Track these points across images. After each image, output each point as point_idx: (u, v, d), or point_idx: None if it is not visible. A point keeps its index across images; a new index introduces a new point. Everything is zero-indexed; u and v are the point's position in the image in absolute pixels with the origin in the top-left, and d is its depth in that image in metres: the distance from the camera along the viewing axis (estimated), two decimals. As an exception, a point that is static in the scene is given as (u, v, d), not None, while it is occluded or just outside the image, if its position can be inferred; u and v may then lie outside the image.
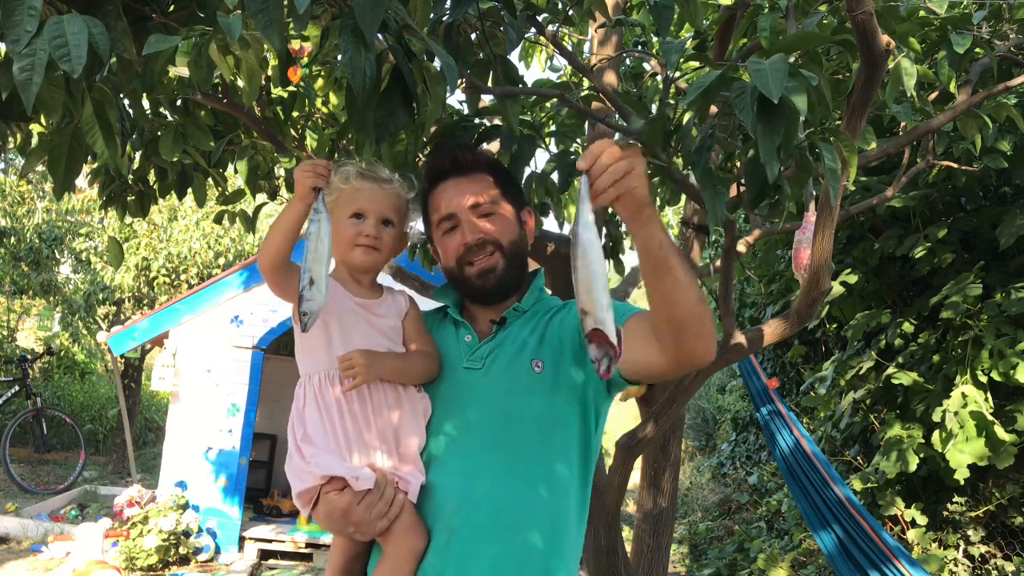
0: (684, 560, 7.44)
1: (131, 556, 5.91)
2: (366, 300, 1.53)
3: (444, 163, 1.62)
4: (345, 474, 1.38)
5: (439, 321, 1.66)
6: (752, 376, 4.89)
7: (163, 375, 6.67)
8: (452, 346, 1.58)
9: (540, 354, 1.51)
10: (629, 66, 3.37)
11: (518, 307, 1.59)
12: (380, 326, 1.52)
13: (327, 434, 1.43)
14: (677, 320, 1.29)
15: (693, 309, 1.28)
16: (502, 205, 1.60)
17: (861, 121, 1.74)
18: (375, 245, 1.52)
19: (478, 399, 1.49)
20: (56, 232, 10.09)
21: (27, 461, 9.52)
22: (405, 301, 1.60)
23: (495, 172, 1.63)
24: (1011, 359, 4.18)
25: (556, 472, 1.46)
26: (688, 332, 1.30)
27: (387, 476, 1.42)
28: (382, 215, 1.53)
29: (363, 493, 1.38)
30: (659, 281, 1.28)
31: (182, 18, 1.53)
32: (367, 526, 1.39)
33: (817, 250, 1.99)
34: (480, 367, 1.52)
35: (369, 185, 1.53)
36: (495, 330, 1.57)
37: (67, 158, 1.66)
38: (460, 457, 1.46)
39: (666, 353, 1.34)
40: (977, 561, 4.82)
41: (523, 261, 1.64)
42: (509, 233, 1.59)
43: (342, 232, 1.51)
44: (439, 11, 1.79)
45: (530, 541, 1.41)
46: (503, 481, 1.43)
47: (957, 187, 4.81)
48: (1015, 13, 2.43)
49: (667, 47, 1.67)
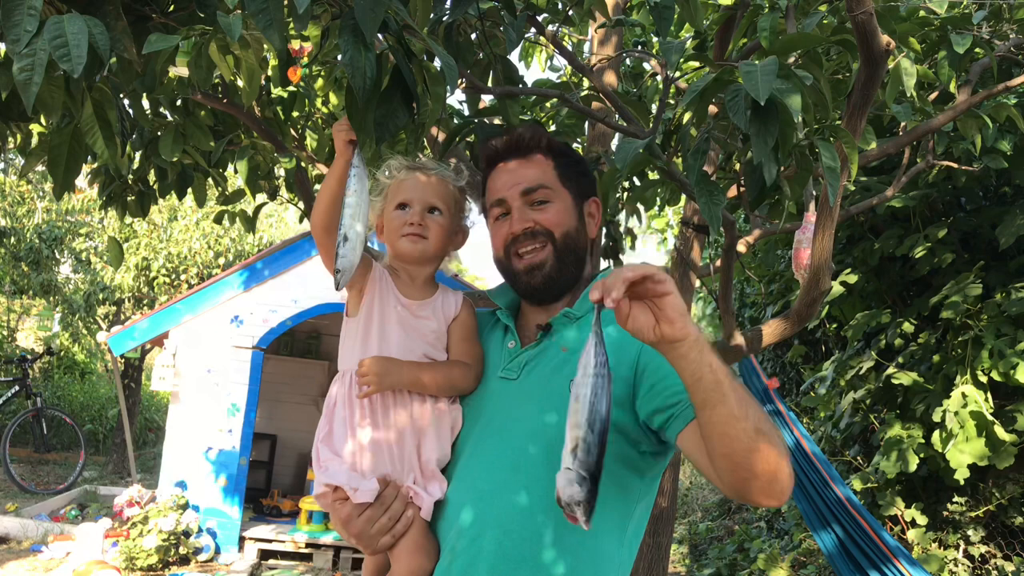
0: (684, 560, 7.43)
1: (131, 556, 5.91)
2: (411, 300, 1.45)
3: (500, 145, 1.50)
4: (344, 484, 1.33)
5: (493, 324, 1.53)
6: (752, 376, 4.88)
7: (163, 375, 6.67)
8: (496, 353, 1.46)
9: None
10: (629, 66, 3.37)
11: (569, 312, 1.42)
12: (421, 329, 1.44)
13: (347, 437, 1.38)
14: (734, 457, 1.09)
15: (751, 444, 1.07)
16: (559, 192, 1.45)
17: (861, 121, 1.74)
18: (420, 233, 1.44)
19: (506, 412, 1.37)
20: (56, 232, 10.09)
21: (27, 461, 9.52)
22: (457, 305, 1.49)
23: (557, 156, 1.48)
24: (1011, 359, 4.18)
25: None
26: (746, 471, 1.09)
27: (400, 490, 1.35)
28: (427, 203, 1.45)
29: (364, 506, 1.32)
30: (711, 412, 1.08)
31: (182, 18, 1.53)
32: (369, 540, 1.32)
33: (817, 250, 1.99)
34: (515, 377, 1.39)
35: (412, 174, 1.48)
36: (539, 337, 1.42)
37: (67, 158, 1.66)
38: (477, 475, 1.34)
39: (725, 486, 1.15)
40: (977, 561, 4.82)
41: (578, 258, 1.46)
42: (564, 225, 1.43)
43: (390, 224, 1.47)
44: (439, 11, 1.79)
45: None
46: (516, 508, 1.29)
47: (957, 187, 4.81)
48: (1015, 13, 2.43)
49: (667, 47, 1.67)
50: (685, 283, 3.66)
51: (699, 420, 1.12)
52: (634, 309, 1.05)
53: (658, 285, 1.03)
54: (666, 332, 1.04)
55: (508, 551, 1.27)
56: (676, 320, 1.03)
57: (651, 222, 8.80)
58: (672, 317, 1.03)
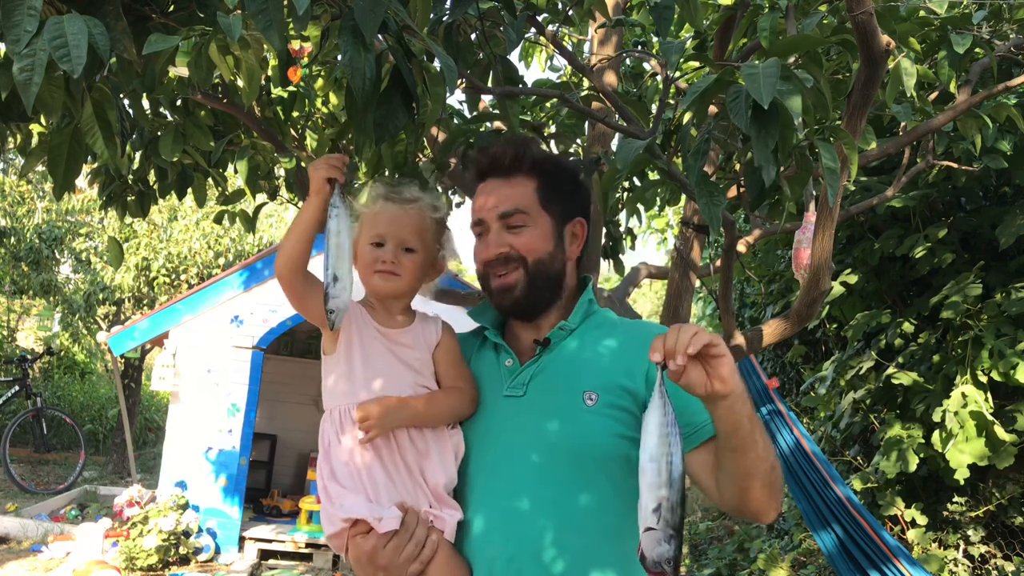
0: (684, 560, 7.44)
1: (131, 556, 5.91)
2: (389, 329, 1.43)
3: (483, 162, 1.48)
4: (367, 516, 1.29)
5: (480, 345, 1.52)
6: (752, 376, 4.89)
7: (163, 375, 6.67)
8: (493, 372, 1.45)
9: (594, 386, 1.35)
10: (629, 66, 3.37)
11: (564, 326, 1.43)
12: (405, 358, 1.42)
13: (353, 474, 1.35)
14: (750, 491, 1.23)
15: (766, 479, 1.22)
16: (537, 216, 1.43)
17: (861, 121, 1.74)
18: (394, 271, 1.42)
19: (519, 429, 1.37)
20: (56, 232, 10.09)
21: (27, 461, 9.52)
22: (437, 331, 1.47)
23: (543, 175, 1.45)
24: (1011, 359, 4.17)
25: (612, 511, 1.32)
26: (754, 501, 1.24)
27: (420, 515, 1.33)
28: (401, 241, 1.42)
29: (389, 535, 1.29)
30: (742, 456, 1.19)
31: (182, 18, 1.53)
32: (397, 570, 1.29)
33: (817, 250, 1.99)
34: (522, 394, 1.39)
35: (390, 208, 1.43)
36: (538, 352, 1.42)
37: (67, 158, 1.66)
38: (502, 495, 1.34)
39: (724, 504, 1.28)
40: (977, 561, 4.82)
41: (552, 281, 1.44)
42: (538, 251, 1.42)
43: (363, 258, 1.44)
44: (439, 11, 1.79)
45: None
46: (548, 526, 1.30)
47: (957, 187, 4.81)
48: (1015, 13, 2.43)
49: (667, 47, 1.67)
50: (685, 283, 3.66)
51: (726, 459, 1.22)
52: (688, 366, 1.11)
53: (714, 349, 1.10)
54: (718, 389, 1.12)
55: (552, 566, 1.29)
56: (728, 379, 1.11)
57: (651, 222, 8.80)
58: (725, 376, 1.11)
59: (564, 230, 1.46)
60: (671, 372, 1.10)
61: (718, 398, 1.13)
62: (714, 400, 1.14)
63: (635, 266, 3.31)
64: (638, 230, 5.75)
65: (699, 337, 1.08)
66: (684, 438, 1.24)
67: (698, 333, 1.09)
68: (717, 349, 1.10)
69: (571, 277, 1.49)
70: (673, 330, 1.11)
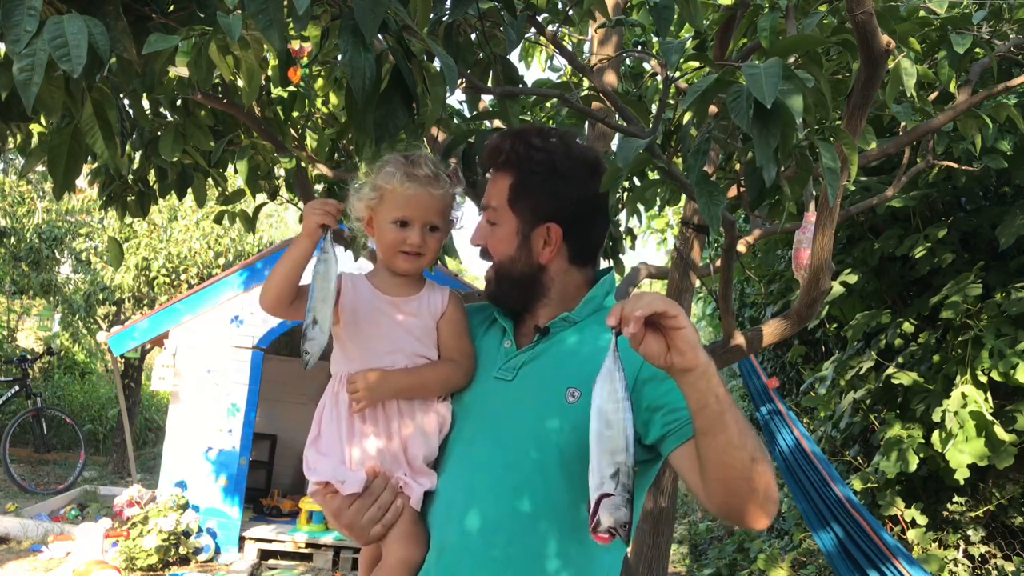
0: (684, 560, 7.44)
1: (131, 556, 5.91)
2: (396, 298, 1.45)
3: (484, 154, 1.50)
4: (331, 479, 1.36)
5: (491, 323, 1.51)
6: (752, 376, 4.89)
7: (163, 375, 6.66)
8: (492, 351, 1.46)
9: (580, 383, 1.32)
10: (629, 66, 3.37)
11: (568, 317, 1.41)
12: (409, 326, 1.43)
13: (334, 434, 1.41)
14: (728, 484, 1.15)
15: (745, 472, 1.13)
16: (504, 216, 1.42)
17: (861, 121, 1.74)
18: (420, 252, 1.43)
19: (498, 412, 1.38)
20: (56, 232, 10.09)
21: (27, 461, 9.52)
22: (443, 301, 1.47)
23: (518, 173, 1.42)
24: (1011, 359, 4.17)
25: (571, 512, 1.30)
26: (737, 498, 1.16)
27: (390, 482, 1.37)
28: (428, 221, 1.42)
29: (352, 497, 1.35)
30: (712, 439, 1.13)
31: (182, 18, 1.53)
32: (359, 530, 1.35)
33: (817, 250, 1.99)
34: (510, 378, 1.39)
35: (417, 190, 1.40)
36: (536, 339, 1.42)
37: (67, 158, 1.66)
38: (469, 470, 1.37)
39: (712, 507, 1.21)
40: (977, 561, 4.82)
41: (517, 284, 1.43)
42: (499, 252, 1.43)
43: (384, 236, 1.43)
44: (439, 11, 1.79)
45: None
46: (506, 508, 1.32)
47: (957, 187, 4.81)
48: (1015, 13, 2.43)
49: (667, 47, 1.67)
50: (685, 283, 3.66)
51: (698, 445, 1.17)
52: (648, 336, 1.09)
53: (672, 320, 1.07)
54: (676, 362, 1.09)
55: (495, 550, 1.31)
56: (687, 352, 1.08)
57: (651, 222, 8.80)
58: (683, 349, 1.08)
59: (532, 233, 1.41)
60: (631, 340, 1.09)
61: (680, 372, 1.10)
62: (678, 375, 1.11)
63: (635, 266, 3.31)
64: (638, 230, 5.74)
65: (653, 303, 1.06)
66: (673, 433, 1.27)
67: (653, 300, 1.07)
68: (675, 321, 1.07)
69: (559, 275, 1.44)
70: (633, 297, 1.10)
